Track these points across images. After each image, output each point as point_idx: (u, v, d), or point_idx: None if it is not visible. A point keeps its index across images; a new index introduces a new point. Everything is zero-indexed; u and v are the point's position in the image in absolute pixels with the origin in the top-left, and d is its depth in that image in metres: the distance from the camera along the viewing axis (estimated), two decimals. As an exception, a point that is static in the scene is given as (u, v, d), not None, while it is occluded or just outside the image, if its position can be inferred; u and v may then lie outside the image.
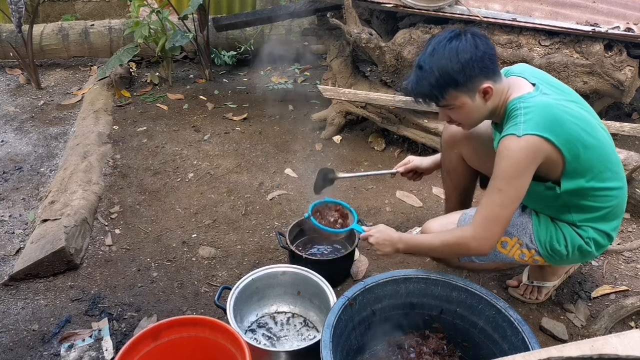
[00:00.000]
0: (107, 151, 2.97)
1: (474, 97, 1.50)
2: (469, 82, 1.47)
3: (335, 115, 3.17)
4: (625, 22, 2.50)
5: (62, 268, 2.06)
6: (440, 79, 1.47)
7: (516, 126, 1.44)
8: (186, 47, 4.22)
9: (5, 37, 4.07)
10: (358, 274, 2.08)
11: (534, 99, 1.48)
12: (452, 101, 1.51)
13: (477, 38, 1.47)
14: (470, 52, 1.44)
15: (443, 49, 1.46)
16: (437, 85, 1.48)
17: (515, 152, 1.42)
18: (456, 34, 1.47)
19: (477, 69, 1.45)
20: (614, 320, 1.82)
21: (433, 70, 1.47)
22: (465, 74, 1.45)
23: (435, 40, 1.50)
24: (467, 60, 1.44)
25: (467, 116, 1.56)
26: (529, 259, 1.68)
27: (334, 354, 1.33)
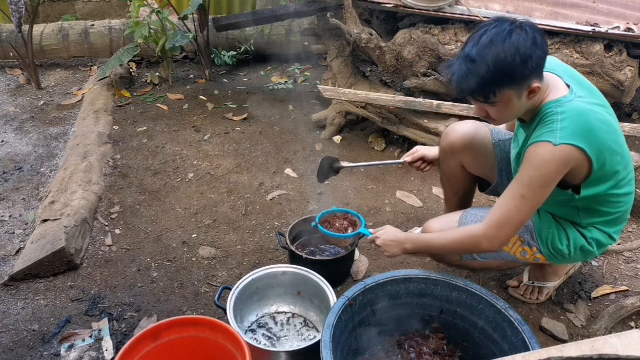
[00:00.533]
0: (107, 151, 2.97)
1: (521, 95, 1.40)
2: (523, 81, 1.37)
3: (335, 115, 3.17)
4: (625, 22, 2.50)
5: (62, 268, 2.06)
6: (496, 75, 1.34)
7: (553, 133, 1.38)
8: (186, 47, 4.22)
9: (5, 37, 4.07)
10: (358, 274, 2.09)
11: (570, 104, 1.42)
12: (501, 98, 1.40)
13: (536, 33, 1.35)
14: (530, 50, 1.33)
15: (502, 42, 1.32)
16: (492, 81, 1.36)
17: (548, 162, 1.38)
18: (516, 26, 1.34)
19: (535, 68, 1.35)
20: (614, 320, 1.82)
21: (489, 65, 1.33)
22: (524, 73, 1.35)
23: (492, 30, 1.35)
24: (527, 57, 1.33)
25: (507, 114, 1.46)
26: (530, 257, 1.68)
27: (334, 354, 1.33)
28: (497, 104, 1.42)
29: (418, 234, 1.68)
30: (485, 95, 1.40)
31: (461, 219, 1.72)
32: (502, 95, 1.39)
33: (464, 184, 2.00)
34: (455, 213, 1.78)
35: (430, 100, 2.73)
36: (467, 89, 1.41)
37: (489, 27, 1.37)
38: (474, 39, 1.38)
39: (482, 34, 1.37)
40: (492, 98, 1.39)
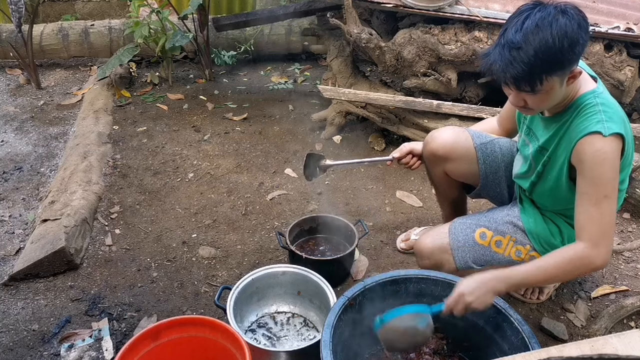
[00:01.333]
0: (107, 151, 2.97)
1: (564, 81, 1.33)
2: (571, 66, 1.30)
3: (335, 115, 3.17)
4: (625, 22, 2.50)
5: (62, 268, 2.07)
6: (544, 62, 1.26)
7: (600, 123, 1.34)
8: (186, 47, 4.21)
9: (5, 37, 4.07)
10: (358, 274, 2.09)
11: (604, 95, 1.41)
12: (545, 86, 1.30)
13: (580, 16, 1.28)
14: (577, 33, 1.25)
15: (549, 26, 1.24)
16: (540, 68, 1.27)
17: (609, 153, 1.34)
18: (561, 9, 1.26)
19: (581, 51, 1.27)
20: (614, 320, 1.82)
21: (536, 51, 1.25)
22: (572, 58, 1.27)
23: (536, 14, 1.27)
24: (575, 42, 1.25)
25: (547, 102, 1.38)
26: (525, 256, 1.67)
27: (334, 354, 1.33)
28: (541, 92, 1.32)
29: (508, 270, 1.44)
30: (532, 83, 1.30)
31: (451, 230, 1.70)
32: (548, 83, 1.30)
33: (452, 190, 1.98)
34: (442, 226, 1.75)
35: (430, 100, 2.74)
36: (511, 78, 1.31)
37: (531, 11, 1.28)
38: (515, 24, 1.29)
39: (525, 18, 1.27)
40: (539, 86, 1.30)
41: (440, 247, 1.68)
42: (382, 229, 2.37)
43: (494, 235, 1.66)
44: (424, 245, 1.71)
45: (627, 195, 2.34)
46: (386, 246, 2.26)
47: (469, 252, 1.66)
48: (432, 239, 1.71)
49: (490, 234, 1.67)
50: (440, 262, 1.69)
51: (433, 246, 1.69)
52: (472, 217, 1.75)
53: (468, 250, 1.66)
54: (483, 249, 1.67)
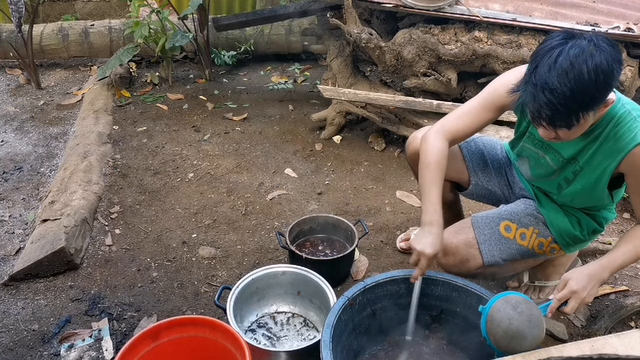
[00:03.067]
0: (107, 151, 2.97)
1: (597, 111, 1.31)
2: (605, 100, 1.29)
3: (335, 115, 3.17)
4: (625, 22, 2.50)
5: (62, 268, 2.06)
6: (581, 102, 1.23)
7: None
8: (186, 47, 4.21)
9: (5, 37, 4.07)
10: (358, 274, 2.09)
11: (627, 100, 1.43)
12: (580, 121, 1.28)
13: (612, 47, 1.25)
14: (612, 67, 1.22)
15: (584, 64, 1.21)
16: (577, 108, 1.24)
17: None
18: (595, 44, 1.22)
19: (612, 85, 1.26)
20: (614, 320, 1.82)
21: (573, 93, 1.21)
22: (605, 93, 1.26)
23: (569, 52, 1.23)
24: (611, 76, 1.23)
25: (579, 132, 1.35)
26: (546, 248, 1.68)
27: (334, 354, 1.33)
28: (574, 126, 1.29)
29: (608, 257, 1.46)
30: (568, 121, 1.27)
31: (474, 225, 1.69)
32: (585, 119, 1.28)
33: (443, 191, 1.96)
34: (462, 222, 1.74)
35: (430, 100, 2.73)
36: (547, 119, 1.27)
37: (563, 47, 1.24)
38: (547, 62, 1.24)
39: (558, 55, 1.23)
40: (576, 124, 1.27)
41: (466, 242, 1.66)
42: (382, 229, 2.37)
43: (518, 227, 1.66)
44: (449, 241, 1.66)
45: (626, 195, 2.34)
46: (386, 246, 2.26)
47: (496, 245, 1.66)
48: (457, 234, 1.68)
49: (514, 227, 1.66)
50: (466, 258, 1.66)
51: (458, 242, 1.66)
52: (491, 212, 1.75)
53: (495, 244, 1.66)
54: (509, 242, 1.66)
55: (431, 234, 1.52)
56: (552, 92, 1.22)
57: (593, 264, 1.44)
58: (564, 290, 1.40)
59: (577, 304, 1.39)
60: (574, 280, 1.40)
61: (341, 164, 2.93)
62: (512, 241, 1.67)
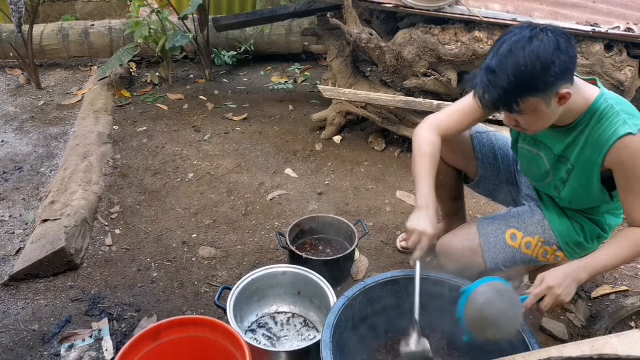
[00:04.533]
0: (107, 151, 2.97)
1: (550, 102, 1.33)
2: (548, 88, 1.30)
3: (335, 115, 3.17)
4: (625, 22, 2.50)
5: (62, 268, 2.06)
6: (517, 85, 1.29)
7: (626, 125, 1.36)
8: (186, 47, 4.21)
9: (5, 37, 4.07)
10: (358, 274, 2.08)
11: (612, 95, 1.43)
12: (526, 108, 1.33)
13: (559, 37, 1.29)
14: (552, 55, 1.26)
15: (522, 50, 1.27)
16: (513, 92, 1.30)
17: None
18: (536, 32, 1.29)
19: (559, 74, 1.28)
20: (614, 320, 1.82)
21: (508, 76, 1.28)
22: (546, 80, 1.28)
23: (512, 38, 1.30)
24: (549, 64, 1.26)
25: (538, 122, 1.40)
26: (550, 256, 1.68)
27: (334, 354, 1.33)
28: (524, 113, 1.34)
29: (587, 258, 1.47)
30: (508, 105, 1.33)
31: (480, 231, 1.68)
32: (526, 104, 1.32)
33: (447, 178, 1.94)
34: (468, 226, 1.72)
35: (430, 100, 2.73)
36: (489, 101, 1.35)
37: (510, 34, 1.32)
38: (494, 48, 1.33)
39: (502, 42, 1.32)
40: (516, 108, 1.33)
41: (470, 248, 1.66)
42: (382, 229, 2.37)
43: (524, 236, 1.65)
44: (453, 247, 1.67)
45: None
46: (386, 246, 2.26)
47: (500, 253, 1.66)
48: (461, 240, 1.68)
49: (520, 235, 1.66)
50: (469, 264, 1.66)
51: (462, 247, 1.67)
52: (498, 217, 1.74)
53: (499, 252, 1.66)
54: (513, 250, 1.66)
55: (428, 216, 1.55)
56: (492, 74, 1.30)
57: (572, 264, 1.44)
58: (541, 286, 1.40)
59: (551, 300, 1.39)
60: (550, 277, 1.41)
61: (341, 164, 2.93)
62: (517, 250, 1.67)
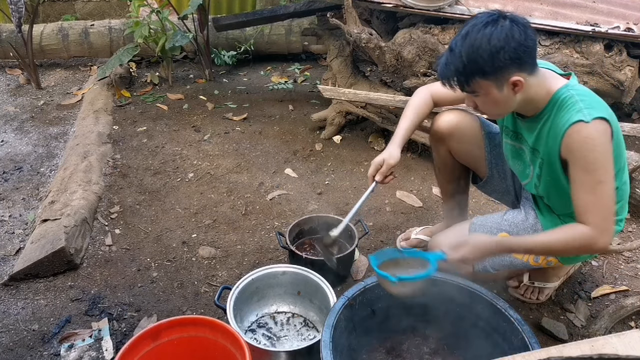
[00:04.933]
0: (107, 151, 2.97)
1: (502, 88, 1.40)
2: (497, 73, 1.37)
3: (335, 115, 3.17)
4: (625, 22, 2.50)
5: (62, 268, 2.06)
6: (467, 65, 1.38)
7: (579, 112, 1.37)
8: (186, 47, 4.22)
9: (5, 37, 4.07)
10: (358, 274, 2.09)
11: (579, 87, 1.45)
12: (478, 89, 1.42)
13: (515, 25, 1.35)
14: (503, 41, 1.33)
15: (476, 33, 1.36)
16: (464, 71, 1.39)
17: (598, 138, 1.36)
18: (494, 19, 1.36)
19: (508, 60, 1.35)
20: (614, 320, 1.82)
21: (462, 55, 1.38)
22: (494, 64, 1.36)
23: (472, 22, 1.40)
24: (497, 49, 1.34)
25: (493, 106, 1.47)
26: (542, 261, 1.67)
27: (334, 354, 1.33)
28: (478, 94, 1.44)
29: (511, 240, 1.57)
30: (459, 83, 1.43)
31: (471, 229, 1.69)
32: (476, 85, 1.41)
33: (456, 172, 1.95)
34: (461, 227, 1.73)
35: (430, 100, 2.73)
36: (444, 77, 1.46)
37: (474, 19, 1.42)
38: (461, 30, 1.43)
39: (466, 25, 1.41)
40: (466, 87, 1.43)
41: None
42: (382, 229, 2.37)
43: None
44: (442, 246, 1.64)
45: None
46: (386, 246, 2.26)
47: None
48: (450, 240, 1.65)
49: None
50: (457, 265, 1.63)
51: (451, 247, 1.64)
52: (491, 219, 1.74)
53: None
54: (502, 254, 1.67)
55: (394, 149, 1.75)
56: (450, 53, 1.42)
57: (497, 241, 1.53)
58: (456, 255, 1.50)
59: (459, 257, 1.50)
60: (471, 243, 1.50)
61: (341, 164, 2.93)
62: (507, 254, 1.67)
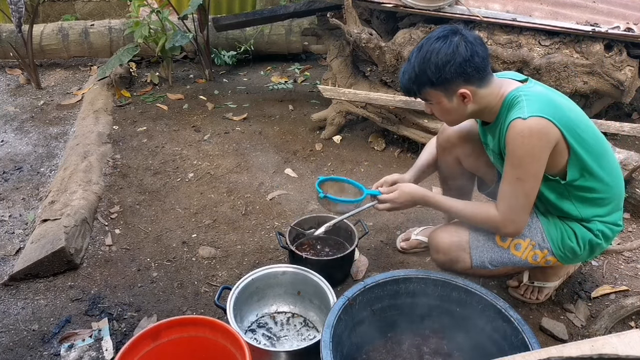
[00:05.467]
0: (107, 151, 2.97)
1: (452, 98, 1.53)
2: (444, 84, 1.50)
3: (335, 115, 3.17)
4: (625, 22, 2.50)
5: (62, 268, 2.06)
6: (418, 75, 1.52)
7: (520, 110, 1.46)
8: (186, 47, 4.22)
9: (5, 37, 4.07)
10: (358, 274, 2.09)
11: (531, 88, 1.53)
12: (429, 97, 1.56)
13: (464, 42, 1.47)
14: (449, 56, 1.46)
15: (428, 46, 1.50)
16: (416, 80, 1.53)
17: (528, 137, 1.44)
18: (444, 35, 1.49)
19: (454, 74, 1.48)
20: (614, 320, 1.82)
21: (414, 66, 1.52)
22: (440, 77, 1.48)
23: (429, 35, 1.54)
24: (443, 64, 1.47)
25: (445, 114, 1.60)
26: (541, 260, 1.68)
27: (334, 354, 1.33)
28: (431, 102, 1.58)
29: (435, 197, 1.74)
30: (412, 92, 1.58)
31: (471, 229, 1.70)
32: (427, 95, 1.55)
33: (462, 182, 1.99)
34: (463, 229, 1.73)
35: (430, 100, 2.73)
36: (401, 85, 1.61)
37: (433, 32, 1.55)
38: None
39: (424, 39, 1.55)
40: (419, 95, 1.58)
41: (459, 245, 1.69)
42: (382, 229, 2.37)
43: (515, 237, 1.66)
44: (441, 241, 1.72)
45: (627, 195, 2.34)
46: (386, 246, 2.26)
47: (487, 252, 1.68)
48: (451, 235, 1.72)
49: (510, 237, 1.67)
50: (455, 259, 1.71)
51: (451, 242, 1.70)
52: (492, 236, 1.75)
53: (486, 251, 1.68)
54: (501, 251, 1.68)
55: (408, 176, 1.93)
56: (407, 63, 1.57)
57: (423, 194, 1.73)
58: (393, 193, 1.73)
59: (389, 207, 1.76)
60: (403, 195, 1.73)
61: (341, 164, 2.93)
62: (506, 250, 1.68)
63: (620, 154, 2.30)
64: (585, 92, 2.60)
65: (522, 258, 1.68)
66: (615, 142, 2.83)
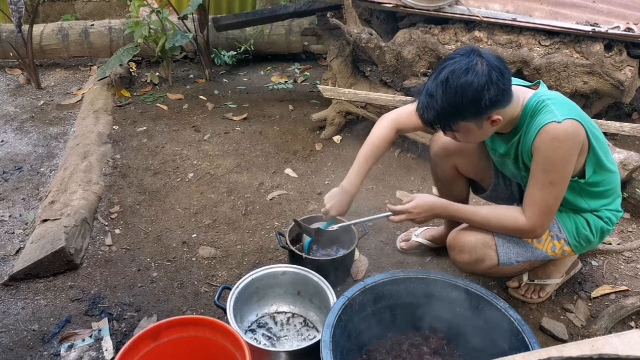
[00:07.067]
0: (107, 151, 2.97)
1: (482, 124, 1.48)
2: (479, 115, 1.45)
3: (335, 115, 3.17)
4: (625, 22, 2.50)
5: (62, 268, 2.06)
6: (450, 111, 1.44)
7: (552, 114, 1.44)
8: (186, 47, 4.21)
9: (5, 37, 4.07)
10: (358, 274, 2.09)
11: (548, 93, 1.52)
12: (458, 129, 1.49)
13: (493, 70, 1.40)
14: (484, 88, 1.39)
15: (457, 81, 1.40)
16: (446, 116, 1.45)
17: (564, 141, 1.43)
18: (472, 65, 1.40)
19: (489, 105, 1.42)
20: (614, 320, 1.82)
21: (443, 102, 1.43)
22: (477, 111, 1.43)
23: (450, 67, 1.42)
24: (480, 97, 1.40)
25: (473, 139, 1.58)
26: (558, 251, 1.71)
27: (334, 354, 1.33)
28: (458, 132, 1.51)
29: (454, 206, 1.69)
30: (442, 127, 1.51)
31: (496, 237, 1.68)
32: (458, 127, 1.48)
33: (458, 187, 1.99)
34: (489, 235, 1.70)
35: (430, 100, 2.73)
36: (427, 121, 1.51)
37: (450, 61, 1.44)
38: (435, 72, 1.46)
39: (443, 68, 1.44)
40: (449, 130, 1.50)
41: (484, 242, 1.68)
42: (382, 229, 2.37)
43: None
44: (466, 239, 1.69)
45: (627, 195, 2.34)
46: (386, 246, 2.26)
47: (514, 248, 1.69)
48: (475, 234, 1.70)
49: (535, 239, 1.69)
50: (482, 258, 1.69)
51: (476, 241, 1.69)
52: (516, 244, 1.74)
53: (513, 247, 1.69)
54: (525, 245, 1.69)
55: (342, 200, 1.86)
56: (430, 98, 1.45)
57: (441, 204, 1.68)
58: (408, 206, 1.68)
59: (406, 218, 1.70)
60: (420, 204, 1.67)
61: (341, 164, 2.93)
62: (530, 245, 1.69)
63: (620, 154, 2.30)
64: (585, 92, 2.60)
65: (544, 250, 1.70)
66: (615, 142, 2.82)
